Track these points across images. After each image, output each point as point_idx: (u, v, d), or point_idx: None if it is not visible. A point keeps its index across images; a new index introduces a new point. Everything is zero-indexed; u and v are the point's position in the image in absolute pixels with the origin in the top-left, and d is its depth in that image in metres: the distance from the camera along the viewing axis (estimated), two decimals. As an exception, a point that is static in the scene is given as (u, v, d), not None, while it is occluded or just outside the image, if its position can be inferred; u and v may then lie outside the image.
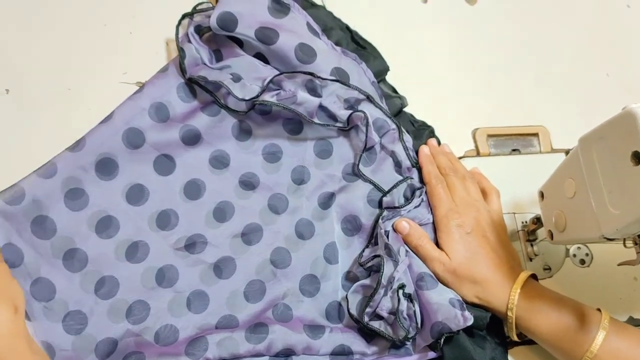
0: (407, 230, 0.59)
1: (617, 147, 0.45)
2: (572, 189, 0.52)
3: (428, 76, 0.72)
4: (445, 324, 0.53)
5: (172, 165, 0.60)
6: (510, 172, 0.69)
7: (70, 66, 0.64)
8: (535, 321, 0.55)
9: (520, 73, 0.76)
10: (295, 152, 0.63)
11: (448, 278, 0.57)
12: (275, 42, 0.60)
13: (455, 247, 0.58)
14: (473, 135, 0.70)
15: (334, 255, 0.61)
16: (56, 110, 0.62)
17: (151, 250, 0.58)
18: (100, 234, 0.57)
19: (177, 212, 0.60)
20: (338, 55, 0.63)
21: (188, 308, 0.58)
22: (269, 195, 0.62)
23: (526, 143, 0.71)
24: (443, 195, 0.60)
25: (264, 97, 0.60)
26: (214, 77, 0.60)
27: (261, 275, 0.60)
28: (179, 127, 0.61)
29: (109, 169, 0.58)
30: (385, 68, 0.67)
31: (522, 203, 0.67)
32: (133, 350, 0.54)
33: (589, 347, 0.52)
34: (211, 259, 0.59)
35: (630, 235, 0.48)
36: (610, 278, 0.65)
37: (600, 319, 0.53)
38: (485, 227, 0.60)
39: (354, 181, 0.63)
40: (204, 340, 0.54)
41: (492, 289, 0.57)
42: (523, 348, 0.61)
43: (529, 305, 0.55)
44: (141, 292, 0.57)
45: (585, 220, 0.50)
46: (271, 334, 0.55)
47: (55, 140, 0.58)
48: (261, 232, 0.61)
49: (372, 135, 0.61)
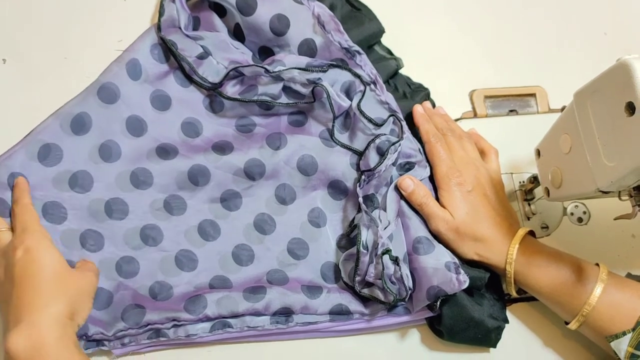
0: (411, 189, 0.59)
1: (612, 99, 0.45)
2: (567, 145, 0.52)
3: (424, 38, 0.72)
4: (441, 287, 0.54)
5: (144, 127, 0.61)
6: (507, 132, 0.69)
7: (66, 35, 0.65)
8: (534, 276, 0.56)
9: (517, 33, 0.75)
10: (269, 123, 0.63)
11: (450, 236, 0.58)
12: (252, 13, 0.61)
13: (457, 205, 0.58)
14: (470, 96, 0.70)
15: (320, 218, 0.61)
16: (53, 78, 0.63)
17: (130, 209, 0.59)
18: (74, 189, 0.58)
19: (151, 172, 0.60)
20: (312, 25, 0.62)
21: (178, 267, 0.59)
22: (245, 160, 0.61)
23: (523, 104, 0.71)
24: (443, 154, 0.60)
25: (227, 88, 0.61)
26: (184, 46, 0.61)
27: (249, 240, 0.60)
28: (150, 89, 0.61)
29: (81, 125, 0.59)
30: (380, 30, 0.67)
31: (519, 163, 0.67)
32: (131, 303, 0.56)
33: (587, 300, 0.53)
34: (193, 222, 0.60)
35: (625, 188, 0.48)
36: (607, 236, 0.66)
37: (599, 272, 0.54)
38: (485, 185, 0.60)
39: (333, 146, 0.63)
40: (203, 298, 0.56)
41: (492, 246, 0.57)
42: (522, 305, 0.62)
43: (527, 261, 0.56)
44: (127, 249, 0.58)
45: (581, 175, 0.50)
46: (269, 294, 0.56)
47: (52, 109, 0.59)
48: (240, 198, 0.61)
49: (340, 101, 0.61)
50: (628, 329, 0.52)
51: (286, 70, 0.59)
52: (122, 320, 0.55)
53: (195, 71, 0.61)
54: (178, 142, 0.61)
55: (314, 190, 0.62)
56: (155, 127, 0.61)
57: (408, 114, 0.64)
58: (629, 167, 0.44)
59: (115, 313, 0.55)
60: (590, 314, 0.53)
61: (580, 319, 0.54)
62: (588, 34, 0.77)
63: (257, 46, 0.64)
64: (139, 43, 0.62)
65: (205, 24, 0.64)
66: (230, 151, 0.61)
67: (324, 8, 0.63)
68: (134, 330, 0.55)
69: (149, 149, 0.60)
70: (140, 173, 0.59)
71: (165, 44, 0.61)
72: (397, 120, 0.61)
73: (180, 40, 0.62)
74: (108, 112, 0.59)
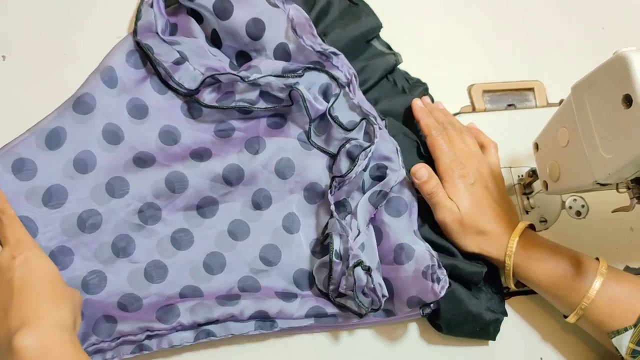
0: (425, 178, 0.58)
1: (609, 92, 0.45)
2: (565, 138, 0.52)
3: (422, 33, 0.72)
4: (420, 297, 0.55)
5: (121, 136, 0.60)
6: (506, 127, 0.69)
7: (66, 32, 0.65)
8: (533, 269, 0.56)
9: (515, 28, 0.75)
10: (248, 127, 0.63)
11: (454, 227, 0.58)
12: (229, 17, 0.61)
13: (462, 197, 0.58)
14: (469, 91, 0.71)
15: (293, 224, 0.61)
16: (53, 75, 0.63)
17: (104, 219, 0.57)
18: (48, 205, 0.56)
19: (127, 180, 0.58)
20: (285, 29, 0.62)
21: (148, 280, 0.57)
22: (223, 165, 0.60)
23: (522, 98, 0.71)
24: (445, 147, 0.60)
25: (204, 95, 0.61)
26: (160, 51, 0.61)
27: (220, 247, 0.60)
28: (127, 98, 0.60)
29: (56, 140, 0.58)
30: (377, 25, 0.67)
31: (518, 157, 0.67)
32: (100, 316, 0.55)
33: (586, 293, 0.53)
34: (167, 231, 0.59)
35: (622, 180, 0.49)
36: (606, 229, 0.66)
37: (598, 266, 0.54)
38: (487, 178, 0.60)
39: (310, 149, 0.62)
40: (175, 307, 0.55)
41: (494, 240, 0.58)
42: (521, 298, 0.62)
43: (526, 254, 0.56)
44: (96, 263, 0.57)
45: (579, 168, 0.50)
46: (243, 299, 0.56)
47: (51, 106, 0.59)
48: (217, 205, 0.60)
49: (317, 105, 0.60)
50: (629, 324, 0.52)
51: (262, 78, 0.59)
52: (93, 334, 0.54)
53: (172, 76, 0.61)
54: (155, 151, 0.60)
55: (290, 194, 0.61)
56: (132, 136, 0.60)
57: (407, 108, 0.64)
58: (626, 159, 0.44)
59: (86, 328, 0.54)
60: (589, 307, 0.53)
61: (579, 312, 0.54)
62: (586, 29, 0.77)
63: (235, 51, 0.64)
64: (114, 51, 0.61)
65: (183, 29, 0.63)
66: (208, 157, 0.60)
67: (299, 11, 0.62)
68: (107, 343, 0.53)
69: (126, 159, 0.59)
70: (116, 183, 0.58)
71: (142, 48, 0.61)
72: (369, 124, 0.60)
73: (156, 45, 0.61)
74: (84, 123, 0.58)
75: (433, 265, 0.55)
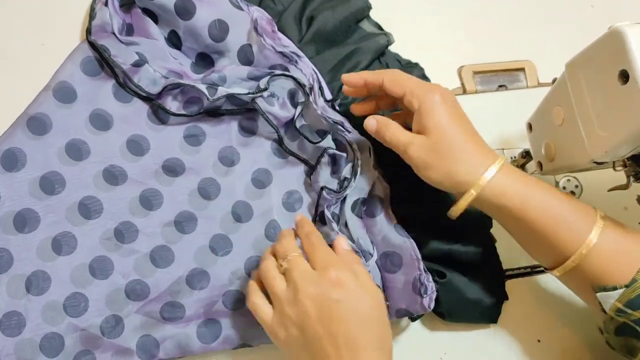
0: (375, 127, 0.54)
1: (604, 68, 0.44)
2: (560, 117, 0.51)
3: (410, 15, 0.71)
4: (408, 310, 0.55)
5: (85, 149, 0.58)
6: (497, 108, 0.68)
7: (44, 21, 0.63)
8: (532, 206, 0.49)
9: (503, 8, 0.74)
10: (219, 132, 0.61)
11: (422, 157, 0.50)
12: (191, 17, 0.58)
13: (439, 114, 0.50)
14: (459, 72, 0.70)
15: (276, 234, 0.60)
16: (30, 65, 0.61)
17: (79, 242, 0.56)
18: (23, 231, 0.55)
19: (101, 200, 0.57)
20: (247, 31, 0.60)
21: (129, 298, 0.56)
22: (198, 180, 0.59)
23: (513, 78, 0.70)
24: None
25: (167, 101, 0.59)
26: (117, 52, 0.58)
27: (202, 263, 0.58)
28: (87, 110, 0.58)
29: (14, 161, 0.55)
30: (366, 5, 0.65)
31: (510, 139, 0.67)
32: (81, 349, 0.54)
33: (584, 241, 0.48)
34: (145, 249, 0.57)
35: (619, 158, 0.48)
36: (600, 208, 0.65)
37: (596, 212, 0.50)
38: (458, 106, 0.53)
39: (286, 157, 0.61)
40: (152, 339, 0.55)
41: (470, 158, 0.50)
42: (521, 280, 0.62)
43: (523, 188, 0.49)
44: (73, 287, 0.55)
45: (574, 147, 0.50)
46: (225, 329, 0.56)
47: (30, 97, 0.58)
48: (195, 220, 0.59)
49: (284, 113, 0.59)
50: (620, 284, 0.47)
51: (227, 94, 0.57)
52: None
53: (130, 79, 0.58)
54: (126, 165, 0.58)
55: (269, 203, 0.60)
56: (97, 148, 0.58)
57: None
58: (622, 136, 0.44)
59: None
60: (587, 256, 0.48)
61: (575, 259, 0.48)
62: (575, 7, 0.76)
63: (195, 52, 0.61)
64: (66, 64, 0.58)
65: (140, 30, 0.60)
66: (182, 172, 0.59)
67: (262, 12, 0.61)
68: None
69: (94, 173, 0.57)
70: (90, 203, 0.56)
71: (97, 50, 0.58)
72: (339, 134, 0.58)
73: (113, 46, 0.58)
74: (42, 142, 0.56)
75: (420, 275, 0.54)
